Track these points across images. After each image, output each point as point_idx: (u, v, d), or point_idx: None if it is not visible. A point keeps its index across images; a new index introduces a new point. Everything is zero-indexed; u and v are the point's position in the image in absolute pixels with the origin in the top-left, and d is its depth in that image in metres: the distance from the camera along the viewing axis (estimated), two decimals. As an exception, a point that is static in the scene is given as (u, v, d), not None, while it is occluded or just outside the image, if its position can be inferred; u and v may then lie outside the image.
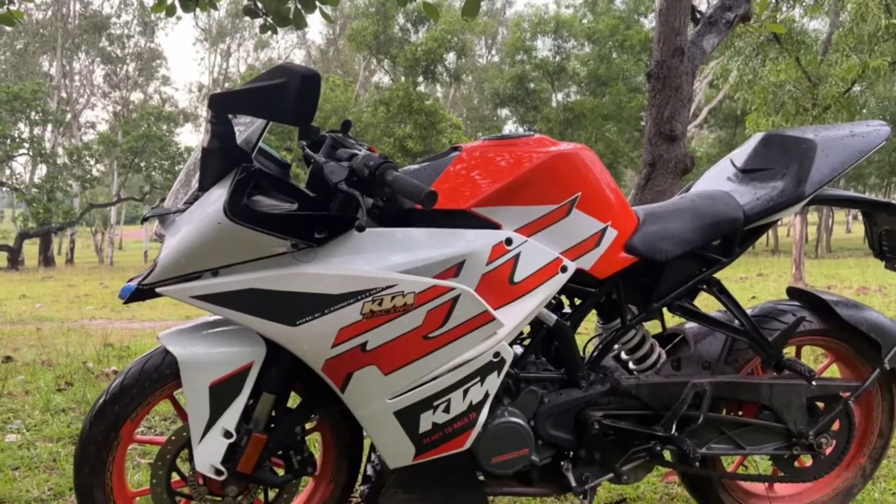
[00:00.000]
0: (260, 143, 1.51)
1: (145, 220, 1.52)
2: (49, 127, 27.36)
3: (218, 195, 1.39)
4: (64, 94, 29.05)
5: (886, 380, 1.93)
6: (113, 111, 33.10)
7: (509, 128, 35.00)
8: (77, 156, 25.83)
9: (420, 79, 26.53)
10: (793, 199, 1.71)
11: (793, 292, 1.99)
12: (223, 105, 1.35)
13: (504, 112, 33.10)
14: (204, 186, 1.43)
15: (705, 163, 28.22)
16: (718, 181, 1.88)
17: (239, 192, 1.37)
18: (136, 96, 34.56)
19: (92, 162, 26.87)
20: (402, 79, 25.52)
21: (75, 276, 18.01)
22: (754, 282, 11.71)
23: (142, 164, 27.37)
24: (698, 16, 3.94)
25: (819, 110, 11.40)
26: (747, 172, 1.83)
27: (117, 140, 26.97)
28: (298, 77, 1.30)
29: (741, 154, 1.90)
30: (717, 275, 1.80)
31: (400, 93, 23.35)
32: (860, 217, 2.05)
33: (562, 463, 1.70)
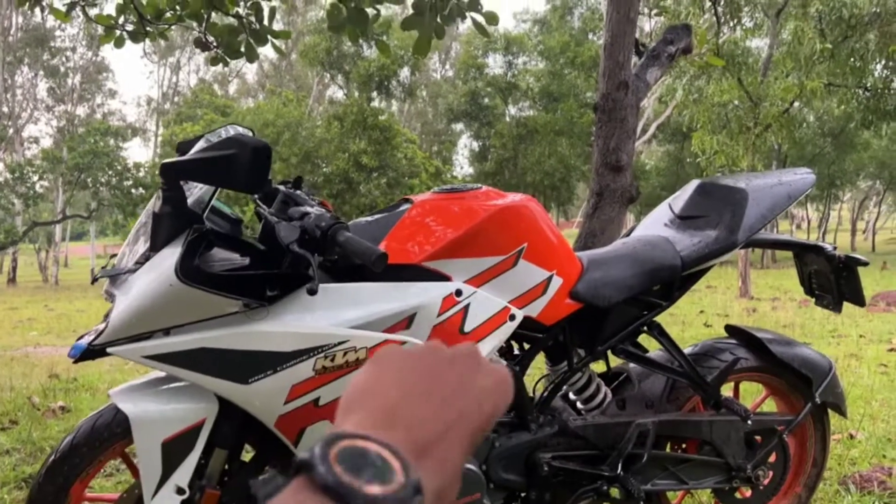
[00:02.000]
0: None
1: (95, 280, 1.52)
2: (-10, 143, 26.51)
3: (169, 255, 1.40)
4: (6, 109, 28.14)
5: (818, 412, 2.04)
6: (57, 126, 32.17)
7: (464, 142, 35.27)
8: (19, 172, 25.02)
9: (374, 94, 26.54)
10: (727, 246, 1.81)
11: (730, 330, 2.08)
12: (175, 172, 1.37)
13: (458, 126, 33.35)
14: (155, 247, 1.43)
15: (654, 175, 28.93)
16: (657, 226, 1.96)
17: (190, 253, 1.38)
18: (82, 110, 33.67)
19: (35, 178, 26.06)
20: (356, 94, 25.49)
21: (18, 297, 17.43)
22: (703, 294, 12.04)
23: (88, 181, 26.63)
24: (641, 48, 4.08)
25: (761, 129, 11.82)
26: (685, 219, 1.92)
27: (62, 156, 26.24)
28: (249, 149, 1.33)
29: (679, 200, 1.99)
30: None
31: (354, 108, 23.31)
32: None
33: (513, 504, 1.75)
